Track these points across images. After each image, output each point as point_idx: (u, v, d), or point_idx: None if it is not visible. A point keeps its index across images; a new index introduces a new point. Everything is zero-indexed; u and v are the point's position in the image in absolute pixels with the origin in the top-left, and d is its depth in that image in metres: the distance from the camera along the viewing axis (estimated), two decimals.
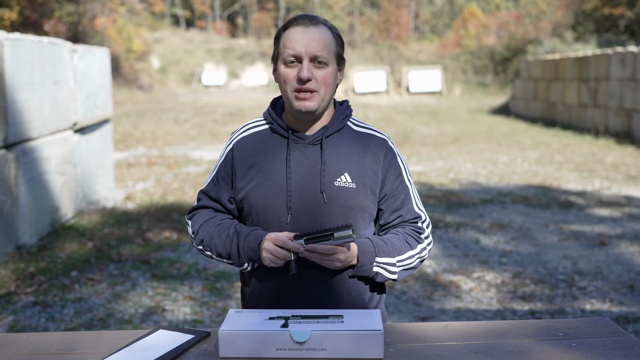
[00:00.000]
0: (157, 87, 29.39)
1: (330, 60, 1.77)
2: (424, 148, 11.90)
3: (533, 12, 29.83)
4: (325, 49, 1.75)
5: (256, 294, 1.83)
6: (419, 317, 3.99)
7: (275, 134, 1.84)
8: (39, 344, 1.62)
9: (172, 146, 12.03)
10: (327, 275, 1.78)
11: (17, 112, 5.08)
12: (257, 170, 1.81)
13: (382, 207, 1.86)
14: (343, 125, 1.85)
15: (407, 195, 1.87)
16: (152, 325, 3.83)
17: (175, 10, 49.15)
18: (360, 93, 25.73)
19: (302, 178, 1.78)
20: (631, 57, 12.71)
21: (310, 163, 1.79)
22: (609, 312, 4.05)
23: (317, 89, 1.75)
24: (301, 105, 1.75)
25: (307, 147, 1.81)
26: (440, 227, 6.14)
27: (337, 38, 1.81)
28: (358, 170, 1.80)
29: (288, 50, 1.75)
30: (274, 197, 1.78)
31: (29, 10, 18.58)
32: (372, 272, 1.77)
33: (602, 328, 1.68)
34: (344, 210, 1.78)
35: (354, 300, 1.80)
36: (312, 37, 1.74)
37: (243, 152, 1.84)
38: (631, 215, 6.65)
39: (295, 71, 1.75)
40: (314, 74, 1.75)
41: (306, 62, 1.74)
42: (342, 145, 1.82)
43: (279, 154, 1.81)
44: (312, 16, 1.79)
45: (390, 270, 1.78)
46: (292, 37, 1.75)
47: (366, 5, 44.87)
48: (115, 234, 5.81)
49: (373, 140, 1.85)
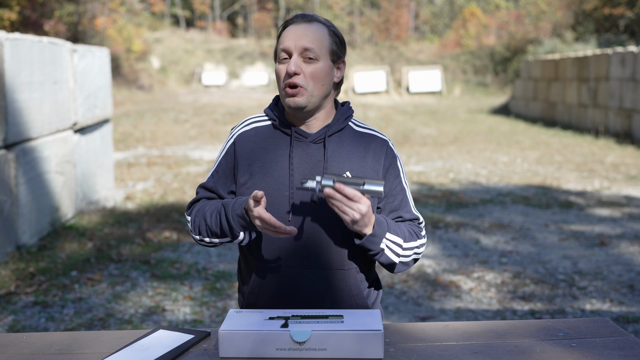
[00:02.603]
0: (157, 87, 29.40)
1: (321, 56, 1.75)
2: (424, 148, 11.90)
3: (533, 12, 29.84)
4: (315, 43, 1.74)
5: (256, 292, 1.82)
6: (419, 317, 3.99)
7: (277, 130, 1.84)
8: (39, 344, 1.62)
9: (172, 146, 12.03)
10: (328, 274, 1.78)
11: (17, 112, 5.08)
12: (258, 165, 1.81)
13: (380, 205, 1.86)
14: (345, 125, 1.85)
15: (404, 197, 1.88)
16: (152, 325, 3.83)
17: (175, 10, 49.15)
18: (360, 93, 25.73)
19: (304, 176, 1.78)
20: (631, 57, 12.71)
21: (312, 161, 1.79)
22: (609, 312, 4.05)
23: (304, 84, 1.73)
24: (290, 101, 1.75)
25: (310, 146, 1.80)
26: (440, 227, 6.14)
27: (334, 35, 1.79)
28: (360, 169, 1.81)
29: (280, 46, 1.77)
30: (275, 193, 1.77)
31: (29, 10, 18.58)
32: (379, 247, 1.72)
33: (602, 328, 1.68)
34: None
35: (354, 299, 1.81)
36: (303, 32, 1.74)
37: (245, 147, 1.83)
38: (631, 215, 6.65)
39: (286, 66, 1.75)
40: (302, 68, 1.74)
41: (295, 56, 1.74)
42: (344, 144, 1.82)
43: (282, 150, 1.81)
44: (309, 15, 1.80)
45: (395, 251, 1.75)
46: (286, 34, 1.77)
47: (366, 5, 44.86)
48: (115, 234, 5.81)
49: (374, 140, 1.86)
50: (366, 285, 1.86)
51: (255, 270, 1.82)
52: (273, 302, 1.80)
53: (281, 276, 1.79)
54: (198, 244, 1.95)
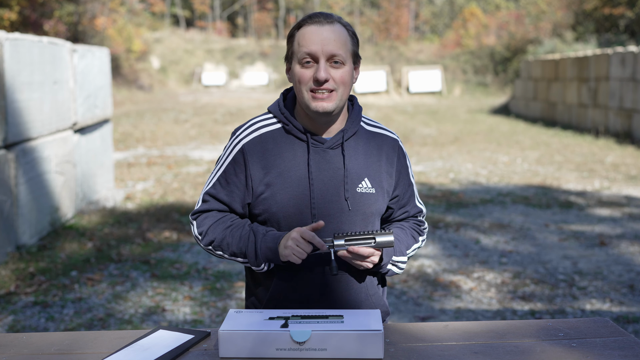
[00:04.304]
0: (157, 87, 29.40)
1: (347, 60, 1.72)
2: (424, 148, 11.90)
3: (533, 12, 29.85)
4: (342, 48, 1.70)
5: (276, 297, 1.79)
6: (419, 317, 3.99)
7: (290, 135, 1.78)
8: (39, 344, 1.62)
9: (172, 146, 12.03)
10: (349, 278, 1.80)
11: (17, 112, 5.08)
12: (276, 174, 1.75)
13: (393, 206, 1.90)
14: (358, 127, 1.83)
15: (412, 192, 1.93)
16: (152, 325, 3.83)
17: (175, 10, 49.16)
18: (360, 93, 25.74)
19: (324, 184, 1.75)
20: (631, 57, 12.71)
21: (332, 169, 1.76)
22: (609, 312, 4.05)
23: (335, 88, 1.70)
24: (318, 106, 1.69)
25: (327, 152, 1.77)
26: (440, 227, 6.14)
27: (353, 36, 1.75)
28: (376, 174, 1.81)
29: (303, 49, 1.69)
30: (297, 204, 1.74)
31: (29, 10, 18.59)
32: (386, 269, 1.80)
33: (602, 328, 1.68)
34: (365, 217, 1.79)
35: (371, 298, 1.84)
36: (328, 36, 1.68)
37: (257, 155, 1.77)
38: (631, 215, 6.65)
39: (311, 71, 1.69)
40: (331, 73, 1.69)
41: (323, 62, 1.68)
42: (359, 148, 1.81)
43: (299, 158, 1.76)
44: (327, 14, 1.73)
45: (399, 267, 1.83)
46: (308, 36, 1.69)
47: (366, 5, 44.88)
48: (115, 234, 5.80)
49: (386, 141, 1.86)
50: (376, 284, 1.89)
51: (277, 276, 1.79)
52: (297, 307, 1.78)
53: (306, 281, 1.78)
54: (203, 249, 1.94)
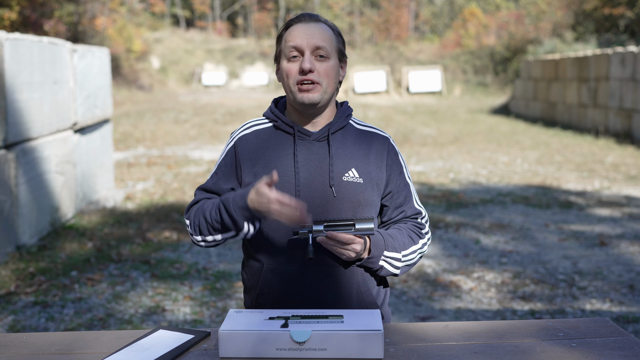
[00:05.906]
0: (157, 87, 29.40)
1: (331, 54, 1.79)
2: (424, 148, 11.90)
3: (533, 12, 29.83)
4: (326, 42, 1.77)
5: (265, 292, 1.82)
6: (419, 317, 3.99)
7: (279, 130, 1.84)
8: (39, 344, 1.62)
9: (172, 146, 12.03)
10: (338, 272, 1.79)
11: (17, 112, 5.08)
12: (263, 165, 1.80)
13: (387, 203, 1.89)
14: (346, 124, 1.87)
15: (408, 192, 1.91)
16: (152, 325, 3.83)
17: (175, 10, 49.16)
18: (360, 93, 25.73)
19: (310, 173, 1.78)
20: (631, 57, 12.71)
21: (317, 159, 1.80)
22: (609, 312, 4.05)
23: (319, 80, 1.75)
24: (304, 97, 1.75)
25: (313, 144, 1.81)
26: (440, 227, 6.14)
27: (338, 35, 1.84)
28: (364, 166, 1.82)
29: (289, 44, 1.77)
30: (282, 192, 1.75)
31: (29, 10, 18.59)
32: (377, 265, 1.79)
33: (602, 328, 1.68)
34: (352, 205, 1.79)
35: (363, 297, 1.82)
36: (314, 31, 1.77)
37: (247, 149, 1.83)
38: (631, 215, 6.65)
39: (297, 65, 1.76)
40: (315, 66, 1.76)
41: (308, 54, 1.75)
42: (346, 142, 1.84)
43: (285, 150, 1.81)
44: (312, 14, 1.82)
45: (394, 265, 1.81)
46: (294, 32, 1.78)
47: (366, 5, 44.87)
48: (115, 234, 5.81)
49: (376, 138, 1.88)
50: (375, 283, 1.87)
51: (263, 271, 1.81)
52: (284, 301, 1.79)
53: (290, 275, 1.78)
54: (198, 246, 1.93)
